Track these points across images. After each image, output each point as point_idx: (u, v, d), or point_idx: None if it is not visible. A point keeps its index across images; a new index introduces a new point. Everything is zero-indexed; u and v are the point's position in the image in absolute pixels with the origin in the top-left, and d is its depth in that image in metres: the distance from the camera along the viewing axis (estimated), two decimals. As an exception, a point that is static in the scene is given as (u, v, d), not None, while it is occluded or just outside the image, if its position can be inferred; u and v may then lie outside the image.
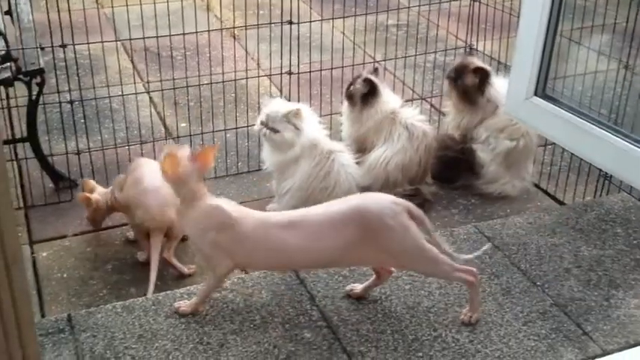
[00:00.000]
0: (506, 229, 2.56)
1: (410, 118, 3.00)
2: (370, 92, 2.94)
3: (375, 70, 3.04)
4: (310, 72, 3.33)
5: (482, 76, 3.03)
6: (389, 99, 3.00)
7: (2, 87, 2.85)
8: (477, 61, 3.14)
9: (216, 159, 3.26)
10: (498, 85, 3.00)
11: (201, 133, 3.26)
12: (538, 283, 2.30)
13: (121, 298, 2.36)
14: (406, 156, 2.95)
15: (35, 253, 2.63)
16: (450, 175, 3.12)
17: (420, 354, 2.02)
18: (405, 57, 3.57)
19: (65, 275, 2.53)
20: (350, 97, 2.99)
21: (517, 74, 2.58)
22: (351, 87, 2.98)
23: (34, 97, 2.84)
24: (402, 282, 2.27)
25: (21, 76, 2.77)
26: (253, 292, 2.23)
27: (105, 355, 1.99)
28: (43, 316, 2.30)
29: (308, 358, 1.99)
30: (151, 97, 3.64)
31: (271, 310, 2.16)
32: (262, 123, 2.68)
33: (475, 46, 3.71)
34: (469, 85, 3.04)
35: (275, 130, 2.64)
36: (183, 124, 3.47)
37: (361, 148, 2.98)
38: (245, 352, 2.01)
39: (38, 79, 2.81)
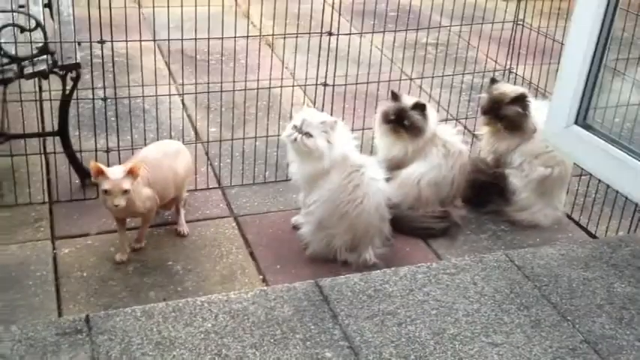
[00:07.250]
0: (537, 259, 2.49)
1: (447, 136, 2.95)
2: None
3: (394, 96, 2.94)
4: (345, 85, 3.28)
5: (523, 102, 2.96)
6: (434, 121, 2.94)
7: (37, 79, 2.85)
8: (508, 89, 3.05)
9: (244, 166, 3.25)
10: (536, 109, 2.93)
11: (231, 139, 3.23)
12: (569, 318, 2.22)
13: (140, 302, 2.33)
14: (440, 173, 2.89)
15: (57, 249, 2.61)
16: (480, 199, 3.05)
17: (443, 383, 1.95)
18: (443, 76, 3.51)
19: (85, 274, 2.50)
20: (405, 127, 2.89)
21: (558, 102, 2.51)
22: (403, 118, 2.88)
23: (67, 92, 2.84)
24: (428, 307, 2.21)
25: (56, 70, 2.77)
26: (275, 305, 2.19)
27: (121, 360, 1.95)
28: (60, 315, 2.27)
29: (328, 378, 1.94)
30: (183, 100, 3.62)
31: (293, 325, 2.11)
32: (295, 127, 2.61)
33: (515, 70, 3.64)
34: (512, 116, 2.96)
35: (309, 135, 2.58)
36: (214, 129, 3.45)
37: (396, 167, 2.93)
38: (263, 367, 1.96)
39: (73, 74, 2.80)
